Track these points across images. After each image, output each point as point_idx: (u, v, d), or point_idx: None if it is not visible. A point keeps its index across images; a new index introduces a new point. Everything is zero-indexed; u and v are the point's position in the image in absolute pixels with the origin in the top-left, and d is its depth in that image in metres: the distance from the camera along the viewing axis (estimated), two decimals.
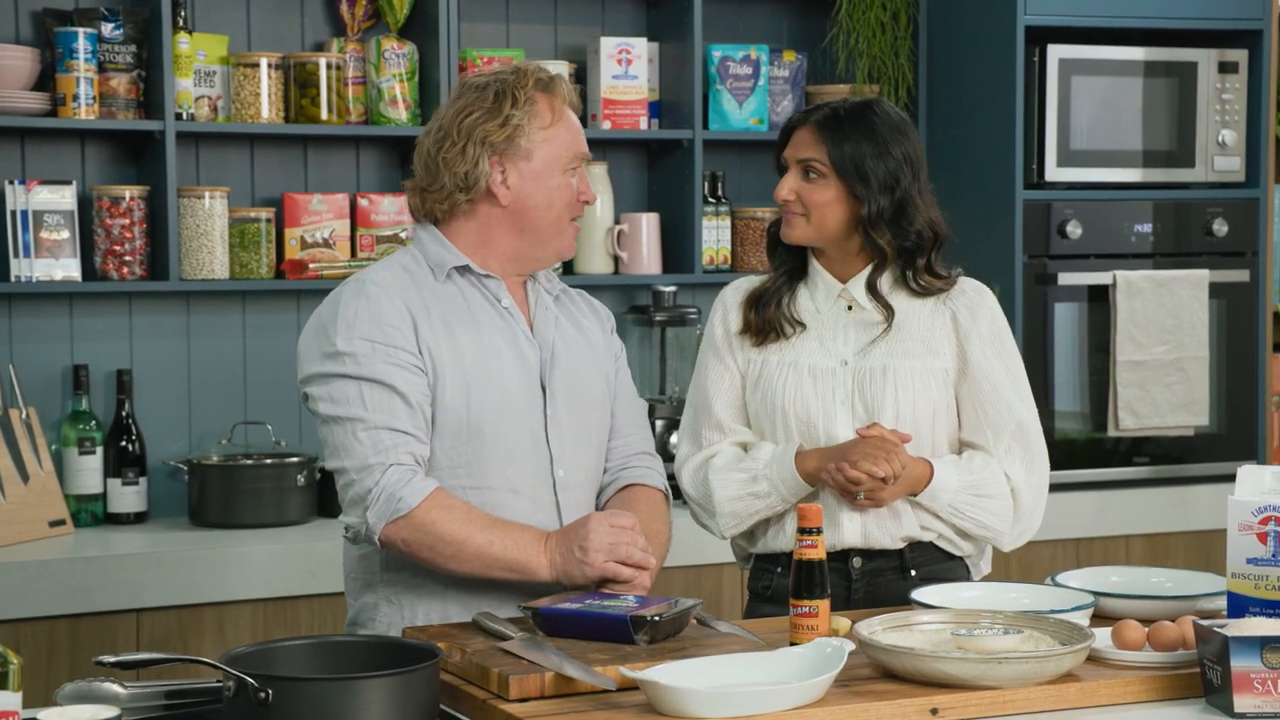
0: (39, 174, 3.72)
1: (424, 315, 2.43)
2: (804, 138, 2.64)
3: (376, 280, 2.45)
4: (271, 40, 3.92)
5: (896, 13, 4.22)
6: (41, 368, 3.73)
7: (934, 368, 2.63)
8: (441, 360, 2.42)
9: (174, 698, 2.09)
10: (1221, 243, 4.18)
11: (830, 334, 2.66)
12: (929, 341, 2.64)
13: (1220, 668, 2.03)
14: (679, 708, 1.94)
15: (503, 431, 2.44)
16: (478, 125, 2.43)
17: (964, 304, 2.66)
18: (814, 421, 2.62)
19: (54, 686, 2.10)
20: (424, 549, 2.35)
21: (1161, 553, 4.09)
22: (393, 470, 2.35)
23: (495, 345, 2.46)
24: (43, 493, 3.57)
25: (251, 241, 3.77)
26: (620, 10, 4.21)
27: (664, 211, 4.16)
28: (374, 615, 2.47)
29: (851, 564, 2.64)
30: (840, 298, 2.67)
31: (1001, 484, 2.63)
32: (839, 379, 2.63)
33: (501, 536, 2.35)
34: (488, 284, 2.50)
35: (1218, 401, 4.19)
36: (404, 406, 2.37)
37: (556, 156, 2.48)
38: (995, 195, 4.06)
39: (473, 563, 2.35)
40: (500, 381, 2.44)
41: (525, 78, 2.47)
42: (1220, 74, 4.15)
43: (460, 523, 2.34)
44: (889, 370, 2.61)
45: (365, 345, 2.38)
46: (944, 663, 2.05)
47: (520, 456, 2.45)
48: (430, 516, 2.34)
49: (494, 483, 2.44)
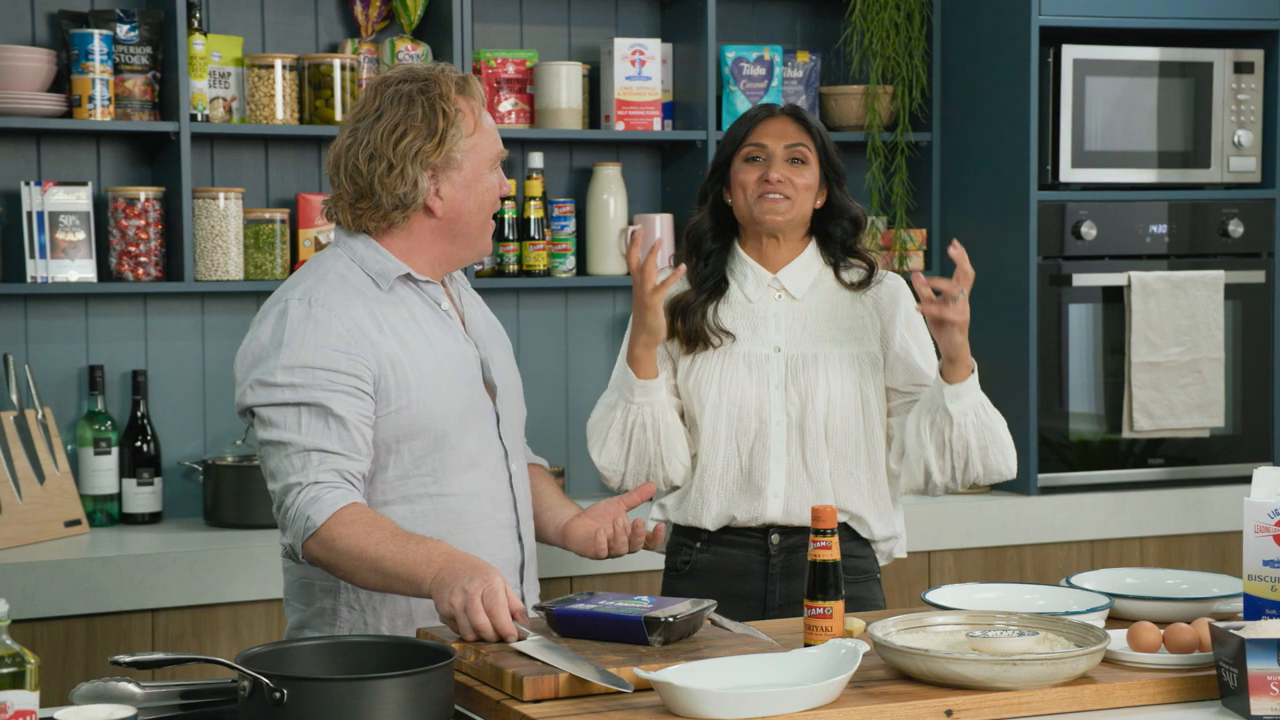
0: (54, 175, 3.73)
1: (375, 330, 2.40)
2: (783, 127, 2.81)
3: (324, 300, 2.39)
4: (286, 41, 3.92)
5: (910, 13, 4.22)
6: (57, 368, 3.74)
7: (861, 353, 2.81)
8: (402, 373, 2.40)
9: (189, 697, 2.09)
10: (1237, 244, 4.17)
11: (762, 322, 2.81)
12: (854, 330, 2.82)
13: (1236, 670, 2.03)
14: (693, 709, 1.94)
15: (464, 436, 2.43)
16: (414, 147, 2.40)
17: (885, 292, 2.84)
18: (748, 406, 2.78)
19: (70, 686, 2.11)
20: (333, 566, 2.32)
21: (1177, 554, 4.08)
22: (309, 489, 2.32)
23: (445, 351, 2.46)
24: (58, 493, 3.58)
25: (266, 242, 3.78)
26: (634, 11, 4.21)
27: (677, 212, 4.16)
28: (333, 621, 2.45)
29: (770, 540, 2.79)
30: (770, 286, 2.83)
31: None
32: (772, 365, 2.79)
33: (395, 551, 2.26)
34: (427, 289, 2.49)
35: (1233, 403, 4.17)
36: (338, 428, 2.34)
37: (483, 161, 2.47)
38: (1009, 196, 4.06)
39: (372, 578, 2.29)
40: (455, 387, 2.44)
41: (446, 85, 2.43)
42: (1236, 74, 4.14)
43: (359, 538, 2.28)
44: (819, 357, 2.79)
45: (306, 374, 2.35)
46: (959, 664, 2.05)
47: (479, 459, 2.46)
48: (333, 533, 2.29)
49: (456, 489, 2.43)
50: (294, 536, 2.34)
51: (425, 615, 2.43)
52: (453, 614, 2.20)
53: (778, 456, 2.77)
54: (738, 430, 2.78)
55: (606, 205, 4.08)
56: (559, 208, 4.05)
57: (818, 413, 2.76)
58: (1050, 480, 4.05)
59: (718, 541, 2.82)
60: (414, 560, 2.25)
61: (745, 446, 2.79)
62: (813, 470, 2.77)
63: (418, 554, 2.26)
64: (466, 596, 2.17)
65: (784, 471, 2.78)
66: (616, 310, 4.20)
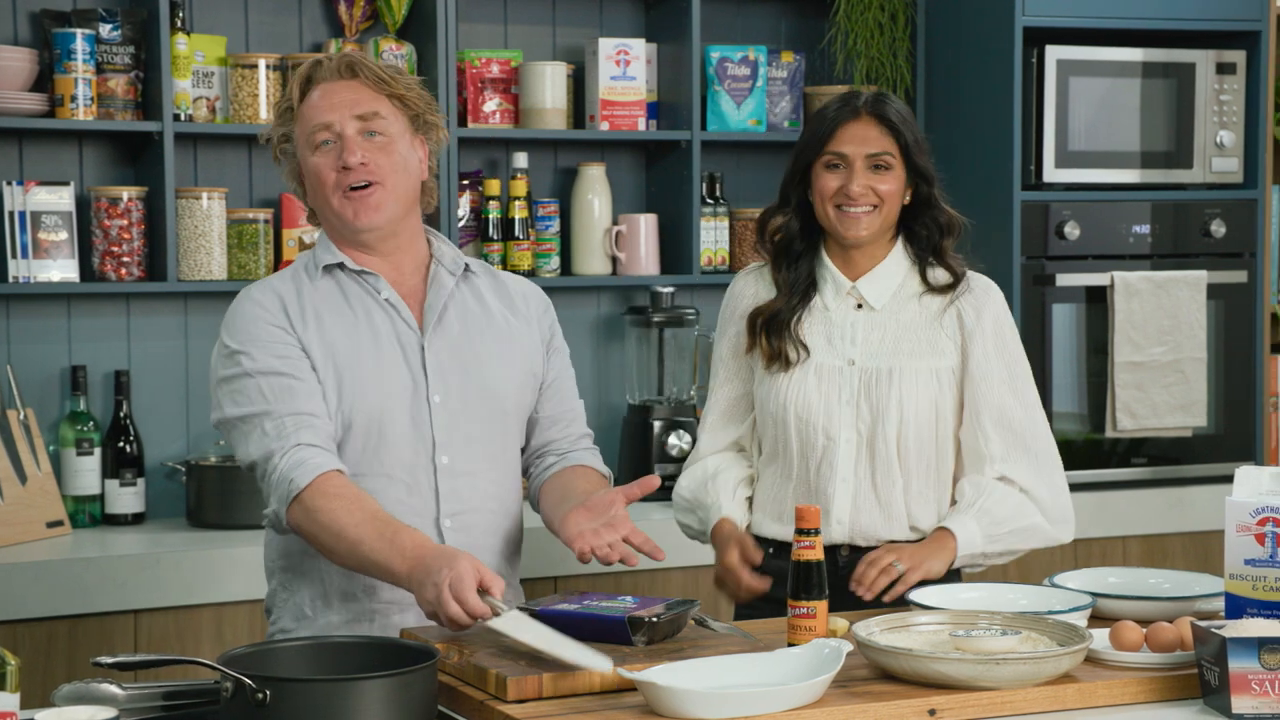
0: (37, 175, 3.72)
1: (297, 313, 2.46)
2: (864, 131, 2.64)
3: (261, 285, 2.52)
4: (269, 41, 3.92)
5: (895, 14, 4.23)
6: (39, 369, 3.73)
7: (939, 367, 2.65)
8: (314, 353, 2.44)
9: (172, 699, 2.09)
10: (1219, 244, 4.19)
11: (838, 332, 2.67)
12: (934, 341, 2.65)
13: (1218, 669, 2.03)
14: (677, 709, 1.94)
15: (376, 418, 2.43)
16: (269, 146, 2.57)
17: (970, 302, 2.68)
18: (814, 422, 2.64)
19: (52, 687, 2.10)
20: (311, 537, 2.35)
21: (1159, 554, 4.09)
22: (292, 452, 2.36)
23: (371, 333, 2.48)
24: (40, 494, 3.57)
25: (250, 242, 3.77)
26: (618, 11, 4.21)
27: (662, 212, 4.16)
28: (275, 601, 2.53)
29: (839, 552, 2.65)
30: (849, 295, 2.68)
31: (1008, 496, 2.63)
32: (845, 378, 2.64)
33: (374, 538, 2.29)
34: (366, 279, 2.52)
35: (1216, 402, 4.19)
36: (304, 390, 2.40)
37: (305, 137, 2.49)
38: (993, 196, 4.07)
39: (350, 560, 2.33)
40: (375, 368, 2.45)
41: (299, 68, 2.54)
42: (1218, 75, 4.15)
43: (341, 513, 2.31)
44: (895, 371, 2.63)
45: (254, 345, 2.43)
46: (942, 664, 2.06)
47: (394, 442, 2.45)
48: (315, 503, 2.32)
49: (367, 469, 2.43)
50: (278, 501, 2.36)
51: (339, 597, 2.45)
52: (434, 611, 2.20)
53: (844, 478, 2.63)
54: (805, 446, 2.65)
55: (591, 205, 4.08)
56: (543, 208, 4.04)
57: (889, 431, 2.61)
58: None
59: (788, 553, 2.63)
60: (390, 552, 2.26)
61: (813, 464, 2.65)
62: (883, 493, 2.62)
63: (394, 546, 2.26)
64: (437, 590, 2.18)
65: (850, 495, 2.63)
66: (601, 310, 4.20)
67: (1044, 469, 2.68)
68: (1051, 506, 2.67)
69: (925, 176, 2.67)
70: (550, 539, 3.56)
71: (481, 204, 4.00)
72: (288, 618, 2.50)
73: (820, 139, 2.65)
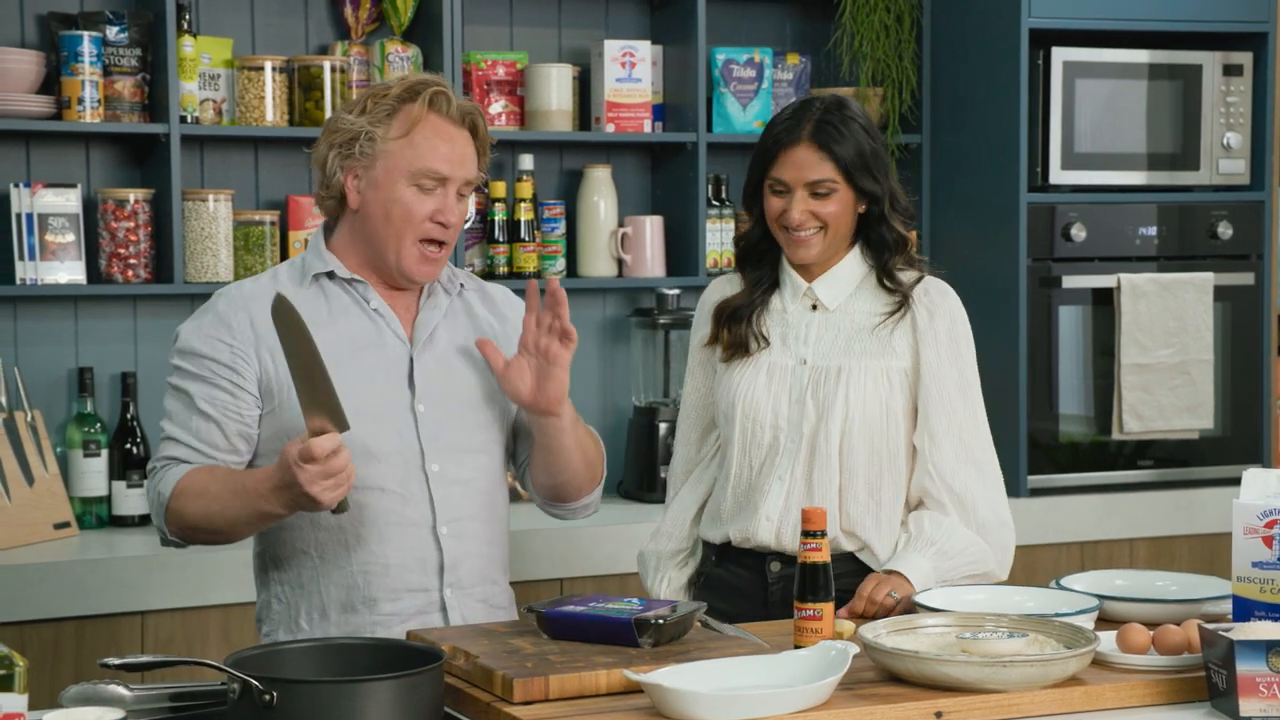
0: (44, 177, 3.72)
1: (268, 327, 2.40)
2: (804, 157, 2.60)
3: (232, 294, 2.51)
4: (276, 43, 3.92)
5: (900, 15, 4.22)
6: (46, 370, 3.73)
7: (891, 367, 2.63)
8: (277, 375, 2.43)
9: (179, 700, 2.09)
10: (1226, 245, 4.18)
11: (794, 333, 2.68)
12: (887, 341, 2.64)
13: (1226, 671, 2.03)
14: (683, 711, 1.94)
15: (359, 430, 2.38)
16: (336, 127, 2.47)
17: (924, 304, 2.65)
18: (762, 420, 2.64)
19: (59, 689, 2.10)
20: (194, 536, 2.43)
21: (1166, 556, 4.09)
22: (155, 471, 2.45)
23: (353, 347, 2.47)
24: (47, 495, 3.57)
25: (256, 244, 3.78)
26: (624, 13, 4.21)
27: (667, 214, 4.16)
28: (269, 613, 2.53)
29: (769, 567, 2.65)
30: (805, 297, 2.69)
31: (955, 533, 2.60)
32: (795, 377, 2.65)
33: (236, 505, 2.35)
34: (356, 287, 2.52)
35: (1222, 405, 4.18)
36: (196, 417, 2.44)
37: (396, 169, 2.44)
38: (999, 198, 4.06)
39: (245, 530, 2.40)
40: (355, 383, 2.42)
41: (394, 86, 2.47)
42: (1225, 76, 4.15)
43: (200, 499, 2.38)
44: (844, 370, 2.62)
45: (193, 360, 2.46)
46: (949, 666, 2.05)
47: (382, 455, 2.45)
48: (179, 504, 2.40)
49: (357, 482, 2.40)
50: (156, 517, 2.45)
51: (338, 609, 2.45)
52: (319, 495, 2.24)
53: (780, 475, 2.62)
54: (750, 444, 2.65)
55: (597, 207, 4.08)
56: (549, 210, 4.05)
57: (833, 429, 2.59)
58: (1040, 482, 4.05)
59: (728, 558, 2.70)
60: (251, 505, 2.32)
61: (756, 461, 2.65)
62: (817, 491, 2.60)
63: (248, 498, 2.33)
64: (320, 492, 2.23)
65: (783, 493, 2.62)
66: (607, 312, 4.20)
67: (987, 481, 2.64)
68: (995, 527, 2.62)
69: (873, 197, 2.63)
70: (553, 540, 3.58)
71: (487, 206, 4.00)
72: (281, 631, 2.49)
73: (764, 162, 2.64)
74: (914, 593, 2.48)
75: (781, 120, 2.65)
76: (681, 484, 2.80)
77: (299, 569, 2.47)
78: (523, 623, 2.32)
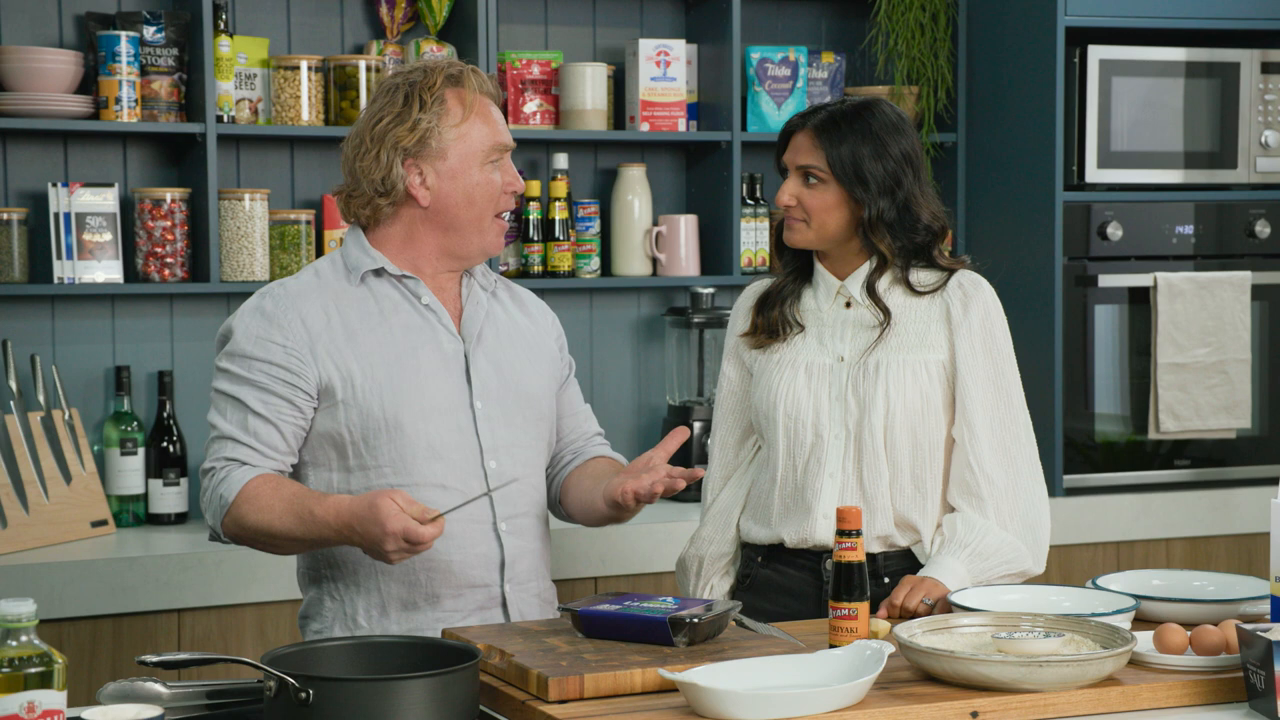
0: (81, 176, 3.74)
1: (324, 324, 2.45)
2: (802, 143, 2.65)
3: (277, 293, 2.49)
4: (311, 43, 3.93)
5: (936, 14, 4.21)
6: (84, 369, 3.75)
7: (928, 360, 2.63)
8: (347, 366, 2.44)
9: (215, 697, 2.10)
10: (1264, 244, 4.16)
11: (829, 331, 2.68)
12: (924, 334, 2.64)
13: (1264, 672, 2.02)
14: (718, 709, 1.94)
15: (423, 428, 2.44)
16: (388, 131, 2.46)
17: (958, 297, 2.65)
18: (803, 419, 2.64)
19: (97, 686, 2.12)
20: (253, 543, 2.43)
21: (1203, 556, 4.07)
22: (220, 469, 2.43)
23: (410, 344, 2.48)
24: (85, 493, 3.59)
25: (291, 243, 3.79)
26: (659, 12, 4.21)
27: (702, 213, 4.16)
28: (320, 610, 2.52)
29: (825, 565, 2.63)
30: (839, 295, 2.69)
31: (989, 534, 2.59)
32: (834, 375, 2.65)
33: (296, 527, 2.35)
34: (406, 284, 2.52)
35: (1260, 404, 4.16)
36: (254, 419, 2.44)
37: (472, 152, 2.48)
38: (1035, 197, 4.05)
39: (293, 547, 2.41)
40: (416, 379, 2.45)
41: (433, 76, 2.48)
42: (1263, 74, 4.12)
43: (264, 514, 2.37)
44: (882, 365, 2.62)
45: (243, 363, 2.45)
46: (984, 665, 2.05)
47: (445, 451, 2.47)
48: (241, 511, 2.39)
49: (420, 479, 2.45)
50: (212, 517, 2.44)
51: (398, 606, 2.46)
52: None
53: (831, 473, 2.62)
54: (794, 444, 2.64)
55: (631, 206, 4.09)
56: (584, 208, 4.05)
57: (875, 423, 2.59)
58: (1076, 481, 4.04)
59: (776, 558, 2.69)
60: (314, 533, 2.33)
61: (801, 461, 2.64)
62: (868, 487, 2.60)
63: (313, 526, 2.33)
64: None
65: (836, 490, 2.61)
66: (641, 311, 4.20)
67: (1026, 472, 2.64)
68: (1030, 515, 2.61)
69: (869, 196, 2.60)
70: (589, 538, 3.58)
71: (522, 205, 4.01)
72: (337, 628, 2.49)
73: (779, 147, 2.70)
74: (948, 593, 2.47)
75: (804, 110, 2.71)
76: (720, 488, 2.80)
77: (356, 566, 2.48)
78: (558, 621, 2.32)
